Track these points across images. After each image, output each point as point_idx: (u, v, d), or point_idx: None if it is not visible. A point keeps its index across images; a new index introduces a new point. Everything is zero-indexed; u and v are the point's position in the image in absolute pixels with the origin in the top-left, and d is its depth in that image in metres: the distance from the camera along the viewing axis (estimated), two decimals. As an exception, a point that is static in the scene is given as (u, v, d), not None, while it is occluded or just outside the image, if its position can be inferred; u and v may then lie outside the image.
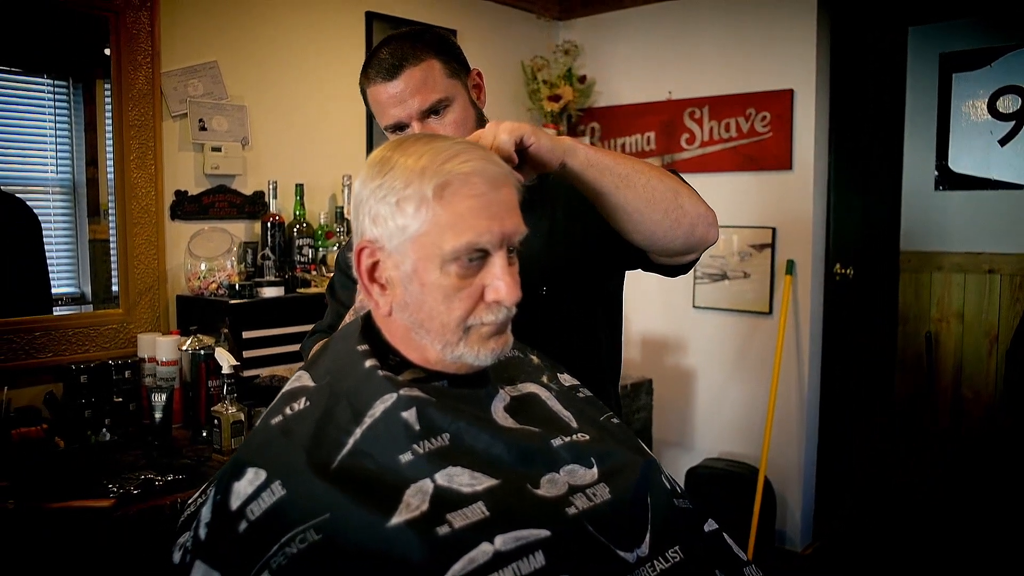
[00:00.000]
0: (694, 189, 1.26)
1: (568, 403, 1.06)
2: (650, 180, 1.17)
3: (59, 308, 2.39)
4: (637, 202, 1.16)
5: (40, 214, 2.36)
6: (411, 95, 1.28)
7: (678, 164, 3.54)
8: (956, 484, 3.89)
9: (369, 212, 0.95)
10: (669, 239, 1.22)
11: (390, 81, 1.29)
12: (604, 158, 1.15)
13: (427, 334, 0.95)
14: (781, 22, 3.26)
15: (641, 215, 1.17)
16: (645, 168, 1.18)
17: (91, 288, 2.46)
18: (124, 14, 2.37)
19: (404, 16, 3.19)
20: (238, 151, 2.68)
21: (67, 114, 2.40)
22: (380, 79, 1.30)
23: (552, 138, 1.13)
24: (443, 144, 0.95)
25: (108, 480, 1.80)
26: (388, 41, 1.33)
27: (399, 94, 1.29)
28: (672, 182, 1.21)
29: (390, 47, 1.31)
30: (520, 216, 0.97)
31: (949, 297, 4.08)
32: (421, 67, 1.29)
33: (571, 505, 0.90)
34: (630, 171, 1.16)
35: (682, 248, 1.25)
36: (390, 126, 1.33)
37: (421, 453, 0.87)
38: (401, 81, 1.29)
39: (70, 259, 2.45)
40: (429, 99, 1.29)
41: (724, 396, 3.54)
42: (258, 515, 0.84)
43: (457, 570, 0.79)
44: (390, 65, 1.29)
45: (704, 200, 1.25)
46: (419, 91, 1.28)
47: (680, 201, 1.19)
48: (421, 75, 1.28)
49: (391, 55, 1.30)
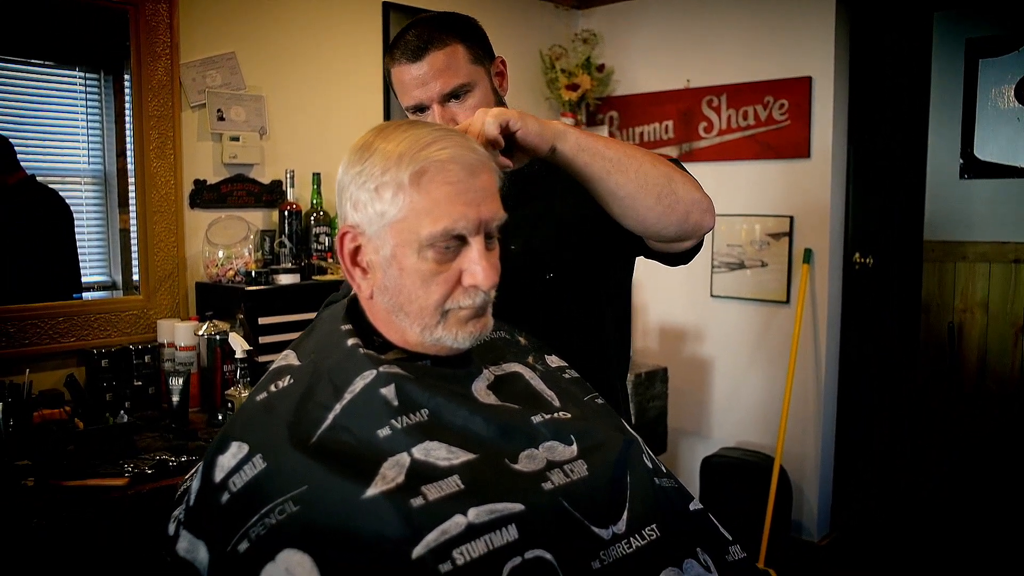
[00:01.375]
0: (691, 176, 1.26)
1: (552, 383, 1.08)
2: (642, 165, 1.17)
3: (91, 294, 2.47)
4: (629, 187, 1.16)
5: (73, 204, 2.43)
6: (433, 78, 1.30)
7: (696, 153, 3.53)
8: (977, 477, 3.85)
9: (350, 198, 0.97)
10: (662, 225, 1.22)
11: (414, 63, 1.31)
12: (595, 143, 1.16)
13: (407, 317, 0.98)
14: (799, 9, 3.23)
15: (633, 200, 1.18)
16: (638, 153, 1.18)
17: (121, 276, 2.53)
18: (143, 7, 2.42)
19: (421, 6, 3.21)
20: (256, 141, 2.73)
21: (98, 106, 2.47)
22: (404, 60, 1.31)
23: (541, 122, 1.14)
24: (422, 131, 0.97)
25: (124, 460, 1.86)
26: (416, 23, 1.35)
27: (422, 76, 1.30)
28: (666, 168, 1.20)
29: (417, 29, 1.33)
30: (499, 202, 0.99)
31: (973, 287, 4.02)
32: (445, 51, 1.30)
33: (547, 480, 0.92)
34: (621, 156, 1.16)
35: (676, 234, 1.25)
36: (411, 107, 1.35)
37: (399, 428, 0.90)
38: (425, 63, 1.30)
39: (101, 248, 2.51)
40: (451, 83, 1.30)
41: (741, 385, 3.53)
42: (240, 487, 0.87)
43: (430, 541, 0.81)
44: (415, 47, 1.30)
45: (700, 187, 1.25)
46: (441, 75, 1.30)
47: (673, 187, 1.19)
48: (445, 59, 1.30)
49: (417, 37, 1.31)
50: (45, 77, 2.38)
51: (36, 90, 2.35)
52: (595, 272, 1.44)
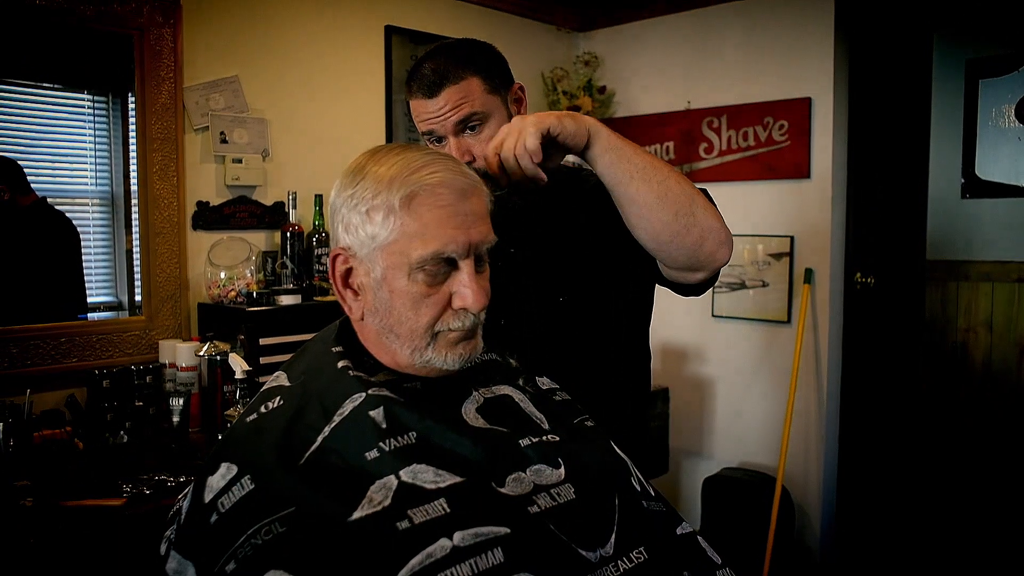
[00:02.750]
0: (715, 207, 1.26)
1: (542, 405, 1.09)
2: (667, 179, 1.19)
3: (98, 315, 2.49)
4: (649, 196, 1.19)
5: (81, 225, 2.46)
6: (449, 112, 1.30)
7: (697, 173, 3.54)
8: (984, 497, 3.82)
9: (342, 220, 0.99)
10: (675, 245, 1.22)
11: (430, 99, 1.31)
12: (624, 146, 1.20)
13: (397, 339, 0.99)
14: (798, 32, 3.26)
15: (651, 210, 1.19)
16: (664, 167, 1.21)
17: (127, 296, 2.56)
18: (148, 32, 2.46)
19: (423, 30, 3.25)
20: (258, 163, 2.76)
21: (106, 128, 2.50)
22: (421, 94, 1.32)
23: (576, 119, 1.19)
24: (414, 155, 0.99)
25: (124, 481, 1.87)
26: (434, 55, 1.35)
27: (437, 111, 1.31)
28: (691, 189, 1.22)
29: (434, 62, 1.32)
30: (489, 225, 1.00)
31: (976, 306, 4.02)
32: (460, 85, 1.30)
33: (534, 504, 0.92)
34: (647, 165, 1.19)
35: (687, 260, 1.25)
36: (426, 134, 1.36)
37: (387, 451, 0.91)
38: (441, 99, 1.30)
39: (108, 268, 2.54)
40: (464, 113, 1.31)
41: (743, 405, 3.52)
42: (228, 508, 0.88)
43: (415, 564, 0.82)
44: (431, 82, 1.31)
45: (722, 219, 1.25)
46: (456, 108, 1.30)
47: (693, 208, 1.20)
48: (460, 93, 1.30)
49: (433, 72, 1.31)
50: (54, 100, 2.41)
51: (45, 112, 2.39)
52: (608, 296, 1.43)
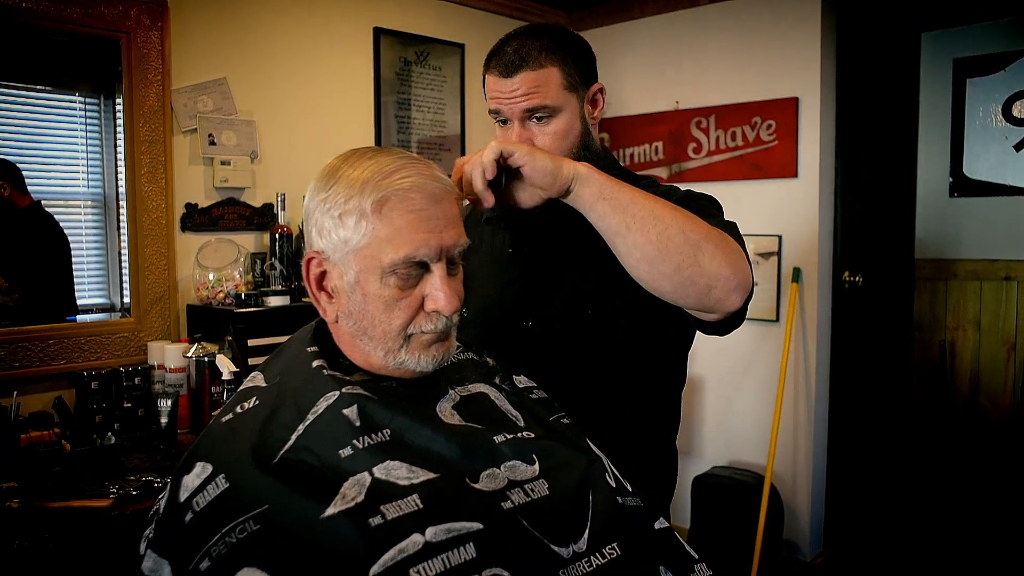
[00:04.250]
0: (733, 246, 1.13)
1: (518, 403, 1.10)
2: (668, 229, 1.08)
3: (90, 316, 2.50)
4: (646, 249, 1.08)
5: (73, 227, 2.47)
6: (521, 97, 1.27)
7: (685, 174, 3.55)
8: (972, 495, 3.84)
9: (316, 224, 1.00)
10: (679, 295, 1.13)
11: (506, 78, 1.27)
12: (620, 193, 1.10)
13: (371, 341, 1.00)
14: (785, 32, 3.27)
15: (649, 264, 1.10)
16: (667, 213, 1.09)
17: (119, 298, 2.56)
18: (135, 34, 2.46)
19: (412, 31, 3.26)
20: (247, 164, 2.76)
21: (97, 129, 2.51)
22: (497, 72, 1.28)
23: (559, 161, 1.11)
24: (387, 159, 1.00)
25: (111, 482, 1.88)
26: (519, 34, 1.30)
27: (510, 93, 1.27)
28: (697, 234, 1.09)
29: (517, 41, 1.28)
30: (461, 228, 1.01)
31: (965, 305, 4.04)
32: (539, 73, 1.26)
33: (507, 500, 0.93)
34: (646, 214, 1.08)
35: (695, 306, 1.15)
36: (494, 112, 1.32)
37: (361, 448, 0.91)
38: (516, 81, 1.26)
39: (100, 270, 2.55)
40: (534, 102, 1.27)
41: (732, 404, 3.54)
42: (203, 506, 0.89)
43: (387, 560, 0.83)
44: (510, 61, 1.27)
45: (737, 262, 1.11)
46: (529, 95, 1.26)
47: (699, 258, 1.08)
48: (536, 80, 1.26)
49: (515, 52, 1.27)
50: (46, 102, 2.42)
51: (37, 114, 2.40)
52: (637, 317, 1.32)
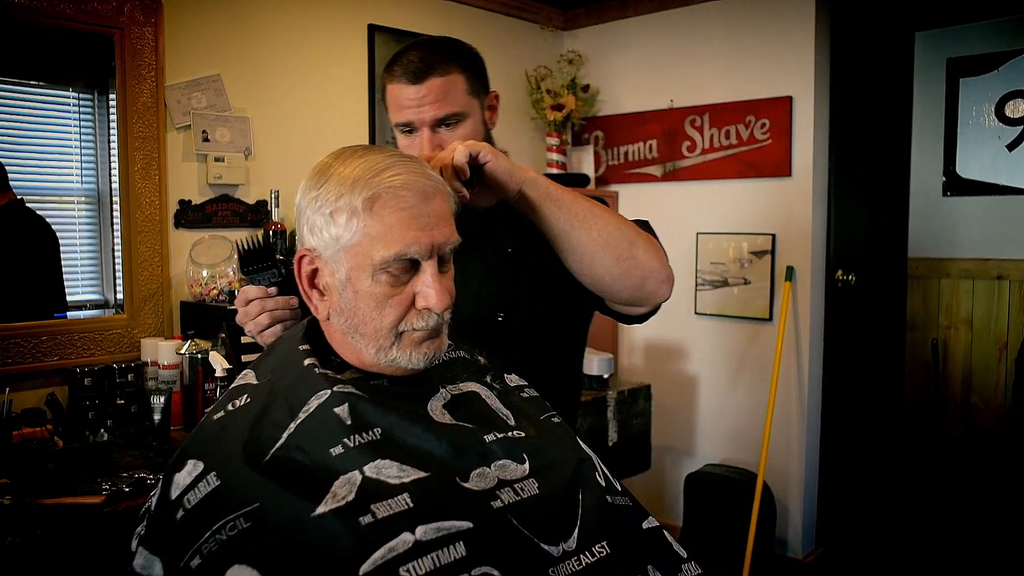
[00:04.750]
0: (658, 244, 1.28)
1: (508, 402, 1.10)
2: (607, 225, 1.20)
3: (83, 313, 2.49)
4: (589, 244, 1.19)
5: (66, 223, 2.46)
6: (429, 104, 1.30)
7: (679, 172, 3.56)
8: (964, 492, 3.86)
9: (307, 221, 1.00)
10: (618, 287, 1.25)
11: (412, 85, 1.31)
12: (563, 195, 1.19)
13: (362, 338, 1.00)
14: (780, 31, 3.28)
15: (592, 257, 1.20)
16: (604, 213, 1.21)
17: (113, 294, 2.56)
18: (129, 30, 2.46)
19: (406, 28, 3.25)
20: (241, 161, 2.76)
21: (91, 125, 2.50)
22: (404, 80, 1.31)
23: (513, 165, 1.17)
24: (377, 157, 1.00)
25: (103, 478, 1.88)
26: (421, 45, 1.35)
27: (418, 99, 1.31)
28: (630, 231, 1.22)
29: (421, 51, 1.33)
30: (452, 226, 1.02)
31: (957, 304, 4.06)
32: (446, 79, 1.31)
33: (497, 499, 0.94)
34: (587, 213, 1.19)
35: (630, 298, 1.28)
36: (400, 124, 1.35)
37: (352, 447, 0.92)
38: (424, 87, 1.30)
39: (94, 267, 2.54)
40: (445, 110, 1.31)
41: (726, 402, 3.55)
42: (194, 504, 0.90)
43: (377, 558, 0.83)
44: (416, 69, 1.30)
45: (663, 256, 1.26)
46: (438, 101, 1.30)
47: (634, 251, 1.21)
48: (444, 86, 1.30)
49: (420, 60, 1.31)
50: (39, 97, 2.41)
51: (30, 110, 2.39)
52: (548, 320, 1.41)
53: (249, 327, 1.27)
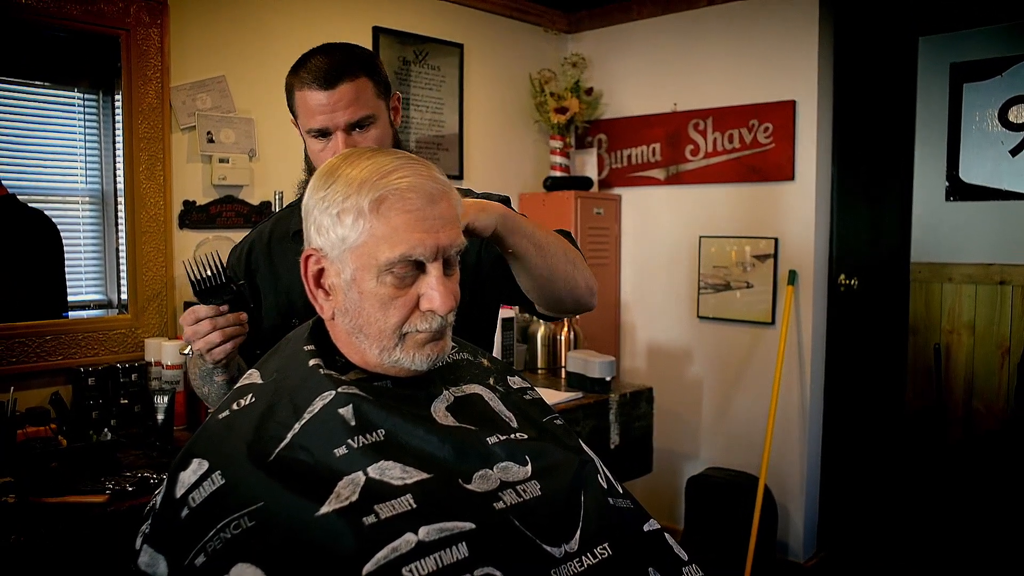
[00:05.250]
0: (583, 257, 1.41)
1: (511, 404, 1.11)
2: (557, 252, 1.31)
3: (87, 313, 2.50)
4: (544, 269, 1.29)
5: (70, 223, 2.47)
6: (343, 108, 1.35)
7: (683, 175, 3.57)
8: (966, 497, 3.86)
9: (314, 222, 1.01)
10: (561, 303, 1.37)
11: (324, 90, 1.35)
12: (526, 226, 1.26)
13: (366, 339, 1.01)
14: (783, 35, 3.29)
15: (547, 280, 1.31)
16: (554, 239, 1.33)
17: (117, 294, 2.57)
18: (134, 31, 2.47)
19: (410, 31, 3.26)
20: (245, 162, 2.77)
21: (96, 125, 2.51)
22: (315, 86, 1.35)
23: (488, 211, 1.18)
24: (385, 159, 1.01)
25: (106, 478, 1.88)
26: (327, 50, 1.40)
27: (332, 104, 1.35)
28: (573, 254, 1.35)
29: (328, 57, 1.37)
30: (458, 229, 1.02)
31: (960, 308, 4.06)
32: (355, 83, 1.36)
33: (499, 500, 0.94)
34: (544, 242, 1.28)
35: (568, 311, 1.43)
36: (313, 130, 1.39)
37: (355, 447, 0.92)
38: (336, 93, 1.35)
39: (98, 267, 2.55)
40: (358, 114, 1.36)
41: (728, 405, 3.55)
42: (199, 502, 0.90)
43: (380, 558, 0.84)
44: (326, 74, 1.35)
45: (589, 269, 1.41)
46: (351, 106, 1.35)
47: (575, 273, 1.34)
48: (354, 91, 1.35)
49: (329, 65, 1.36)
50: (44, 98, 2.42)
51: (35, 110, 2.39)
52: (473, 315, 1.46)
53: (199, 345, 1.27)
